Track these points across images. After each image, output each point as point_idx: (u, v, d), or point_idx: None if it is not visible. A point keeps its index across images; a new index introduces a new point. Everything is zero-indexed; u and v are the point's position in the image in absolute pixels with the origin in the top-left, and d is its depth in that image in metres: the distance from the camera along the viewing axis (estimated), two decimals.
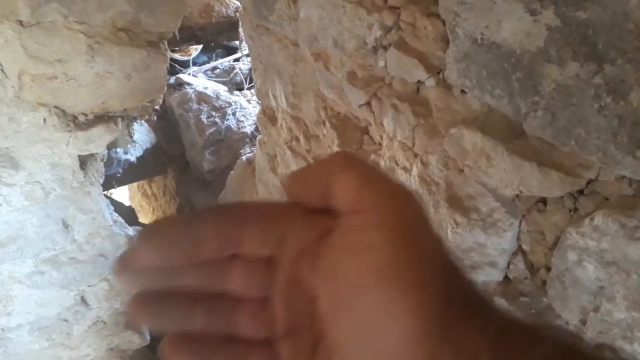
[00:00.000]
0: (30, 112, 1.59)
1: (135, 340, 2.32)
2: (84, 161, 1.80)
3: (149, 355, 3.04)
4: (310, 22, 1.36)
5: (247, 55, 3.40)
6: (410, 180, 1.14)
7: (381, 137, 1.27)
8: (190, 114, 2.77)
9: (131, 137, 2.02)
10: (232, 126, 2.88)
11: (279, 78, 1.64)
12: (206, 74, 3.31)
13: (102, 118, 1.75)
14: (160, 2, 1.62)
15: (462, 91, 1.03)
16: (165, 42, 1.74)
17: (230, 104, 2.88)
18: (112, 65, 1.62)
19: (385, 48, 1.17)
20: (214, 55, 3.49)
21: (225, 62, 3.36)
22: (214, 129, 2.79)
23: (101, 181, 1.93)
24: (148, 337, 2.39)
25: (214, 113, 2.82)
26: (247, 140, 2.97)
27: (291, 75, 1.57)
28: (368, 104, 1.26)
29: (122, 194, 4.75)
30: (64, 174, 1.72)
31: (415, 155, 1.13)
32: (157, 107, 1.97)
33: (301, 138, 1.61)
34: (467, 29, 0.95)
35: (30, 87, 1.54)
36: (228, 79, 3.28)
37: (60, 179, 1.72)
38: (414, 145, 1.13)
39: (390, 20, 1.11)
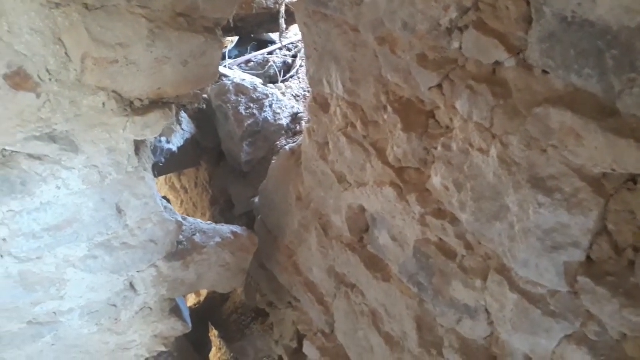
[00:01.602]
0: (90, 95, 1.61)
1: (178, 327, 2.33)
2: (137, 147, 1.81)
3: (186, 344, 3.07)
4: (376, 6, 1.36)
5: (281, 48, 3.41)
6: (488, 161, 1.14)
7: (451, 120, 1.27)
8: (228, 105, 2.79)
9: (180, 125, 2.03)
10: (269, 118, 2.89)
11: (335, 64, 1.65)
12: (240, 67, 3.33)
13: (157, 104, 1.76)
14: None
15: (544, 71, 1.02)
16: (220, 29, 1.75)
17: (267, 96, 2.89)
18: (171, 50, 1.62)
19: (460, 30, 1.16)
20: (248, 48, 3.50)
21: (259, 55, 3.38)
22: (252, 120, 2.80)
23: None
24: (190, 325, 2.41)
25: (252, 105, 2.83)
26: (283, 132, 2.98)
27: (349, 61, 1.57)
28: (439, 86, 1.26)
29: None
30: (119, 159, 1.74)
31: (494, 137, 1.13)
32: (205, 95, 1.98)
33: (358, 124, 1.61)
34: (556, 8, 0.94)
35: (92, 71, 1.56)
36: (262, 72, 3.29)
37: (116, 164, 1.74)
38: (492, 126, 1.12)
39: (469, 2, 1.11)
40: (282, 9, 2.81)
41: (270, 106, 2.92)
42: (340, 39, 1.58)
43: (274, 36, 3.58)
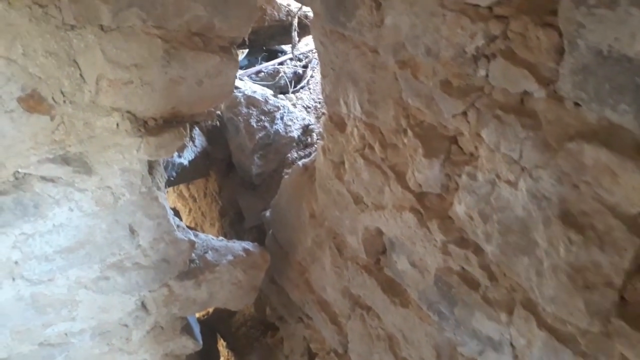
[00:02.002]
0: (104, 117, 1.58)
1: (189, 346, 2.31)
2: (150, 166, 1.79)
3: (194, 355, 3.04)
4: (397, 30, 1.33)
5: (292, 59, 3.39)
6: (517, 194, 1.11)
7: (476, 148, 1.24)
8: (239, 117, 2.76)
9: (193, 141, 2.01)
10: (280, 130, 2.87)
11: (353, 85, 1.62)
12: (250, 78, 3.30)
13: (171, 123, 1.74)
14: (234, 7, 1.60)
15: (576, 104, 0.99)
16: (236, 47, 1.72)
17: (278, 108, 2.86)
18: (186, 70, 1.60)
19: (487, 57, 1.13)
20: (258, 58, 3.48)
21: (269, 65, 3.35)
22: (263, 133, 2.78)
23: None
24: (201, 342, 2.39)
25: (263, 117, 2.81)
26: (294, 144, 2.95)
27: (368, 82, 1.54)
28: (463, 113, 1.23)
29: None
30: (133, 179, 1.71)
31: (523, 169, 1.09)
32: (218, 111, 1.96)
33: (376, 146, 1.58)
34: (591, 41, 0.91)
35: (106, 92, 1.53)
36: (273, 82, 3.27)
37: (129, 184, 1.71)
38: (521, 158, 1.09)
39: (497, 30, 1.08)
40: (295, 22, 2.77)
41: (282, 118, 2.89)
42: (358, 60, 1.55)
43: (285, 46, 3.56)
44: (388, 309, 1.72)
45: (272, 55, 3.59)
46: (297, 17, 2.82)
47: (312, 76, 3.25)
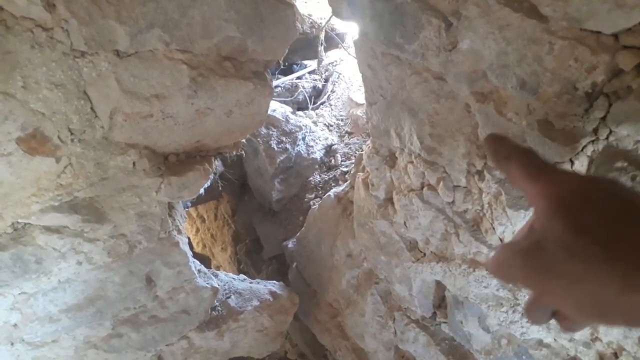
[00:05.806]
0: (118, 155, 1.35)
1: None
2: (170, 206, 1.55)
3: None
4: (476, 56, 1.10)
5: (312, 73, 3.15)
6: None
7: None
8: (259, 139, 2.52)
9: (215, 173, 1.78)
10: (302, 152, 2.63)
11: (410, 116, 1.38)
12: None
13: (194, 158, 1.51)
14: (270, 26, 1.37)
15: None
16: (270, 72, 1.49)
17: (300, 128, 2.62)
18: (215, 100, 1.37)
19: (607, 96, 0.91)
20: (275, 71, 3.24)
21: (287, 80, 3.12)
22: (284, 156, 2.54)
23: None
24: None
25: (284, 138, 2.57)
26: (316, 166, 2.72)
27: (431, 114, 1.31)
28: (569, 161, 1.00)
29: None
30: (151, 225, 1.48)
31: None
32: (244, 140, 1.72)
33: (440, 188, 1.35)
34: None
35: (121, 127, 1.30)
36: (291, 98, 3.03)
37: (147, 230, 1.47)
38: None
39: (628, 64, 0.85)
40: (322, 36, 2.53)
41: (303, 139, 2.66)
42: (418, 87, 1.32)
43: (307, 61, 3.32)
44: None
45: (289, 67, 3.35)
46: (324, 30, 2.58)
47: (333, 91, 3.02)
